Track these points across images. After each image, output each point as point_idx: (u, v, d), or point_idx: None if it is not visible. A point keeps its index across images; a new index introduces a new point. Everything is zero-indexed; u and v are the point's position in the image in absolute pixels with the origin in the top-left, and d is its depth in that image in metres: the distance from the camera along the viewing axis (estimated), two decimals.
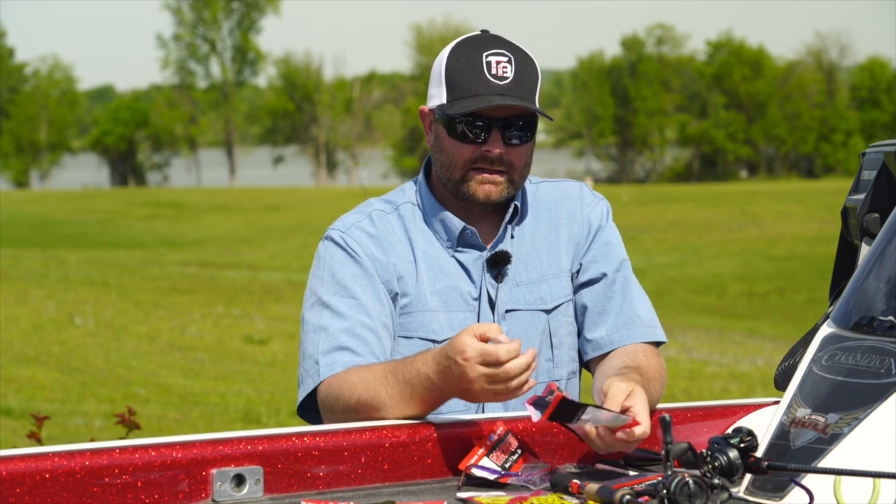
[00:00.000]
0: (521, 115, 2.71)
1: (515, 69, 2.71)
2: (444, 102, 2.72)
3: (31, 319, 15.52)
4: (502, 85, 2.69)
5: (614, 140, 79.98)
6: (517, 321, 2.77)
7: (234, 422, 9.82)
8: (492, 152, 2.70)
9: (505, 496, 2.23)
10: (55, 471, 2.08)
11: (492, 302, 2.76)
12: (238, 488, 2.23)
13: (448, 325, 2.74)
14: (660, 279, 24.97)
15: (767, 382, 11.87)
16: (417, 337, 2.73)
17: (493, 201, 2.74)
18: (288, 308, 18.17)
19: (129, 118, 78.40)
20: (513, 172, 2.74)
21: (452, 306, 2.75)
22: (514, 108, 2.70)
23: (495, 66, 2.70)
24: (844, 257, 2.99)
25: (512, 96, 2.69)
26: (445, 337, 2.72)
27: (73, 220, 39.84)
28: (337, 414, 2.57)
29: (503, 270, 2.76)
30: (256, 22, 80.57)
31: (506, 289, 2.77)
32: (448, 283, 2.76)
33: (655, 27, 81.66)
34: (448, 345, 2.40)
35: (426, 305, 2.73)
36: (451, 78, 2.72)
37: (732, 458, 2.12)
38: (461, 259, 2.78)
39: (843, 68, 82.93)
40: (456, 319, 2.74)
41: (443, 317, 2.74)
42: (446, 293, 2.75)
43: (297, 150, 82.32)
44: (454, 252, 2.78)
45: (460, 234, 2.78)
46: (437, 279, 2.75)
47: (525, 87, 2.71)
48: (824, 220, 34.10)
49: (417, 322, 2.73)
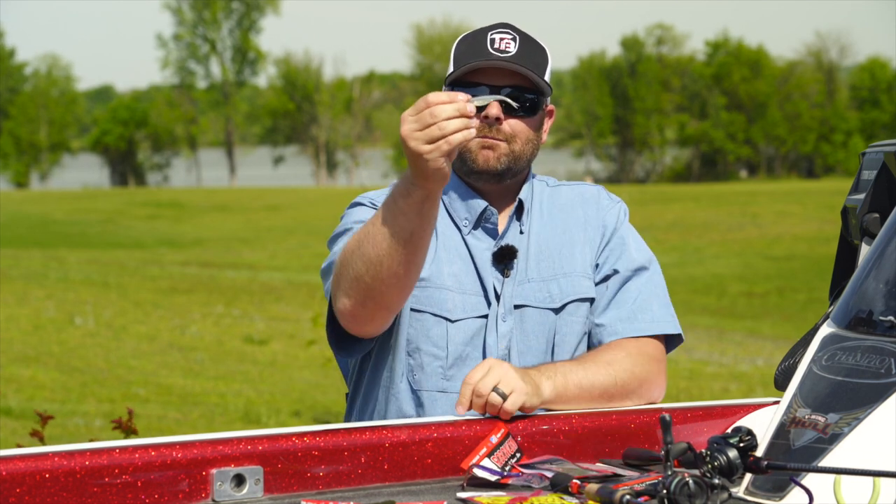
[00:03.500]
0: (524, 87, 2.70)
1: (520, 45, 2.71)
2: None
3: (31, 319, 15.53)
4: (504, 56, 2.69)
5: (614, 140, 79.99)
6: (526, 317, 2.76)
7: (234, 422, 9.82)
8: (490, 116, 2.67)
9: (505, 496, 2.23)
10: (55, 471, 2.08)
11: (497, 296, 2.75)
12: (238, 488, 2.23)
13: (461, 307, 2.73)
14: None
15: (767, 382, 11.87)
16: (430, 312, 2.72)
17: (492, 168, 2.72)
18: (288, 308, 18.17)
19: (129, 118, 78.40)
20: (513, 143, 2.72)
21: (467, 289, 2.74)
22: (515, 77, 2.70)
23: (498, 42, 2.71)
24: (844, 257, 2.99)
25: (511, 63, 2.68)
26: (458, 317, 2.72)
27: (73, 220, 39.84)
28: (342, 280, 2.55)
29: (510, 265, 2.75)
30: (256, 22, 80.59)
31: (513, 283, 2.76)
32: (462, 267, 2.75)
33: (655, 27, 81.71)
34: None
35: (443, 283, 2.73)
36: (457, 57, 2.74)
37: (732, 458, 2.12)
38: (472, 247, 2.77)
39: (843, 68, 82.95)
40: (469, 303, 2.73)
41: (457, 297, 2.73)
42: (461, 276, 2.74)
43: (297, 150, 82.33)
44: (469, 233, 2.77)
45: (481, 215, 2.77)
46: (452, 261, 2.75)
47: (528, 61, 2.71)
48: (824, 220, 34.09)
49: (433, 298, 2.72)
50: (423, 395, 2.73)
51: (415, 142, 2.32)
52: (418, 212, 2.42)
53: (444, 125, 2.30)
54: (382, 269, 2.47)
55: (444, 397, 2.72)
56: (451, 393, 2.70)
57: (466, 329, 2.73)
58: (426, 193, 2.40)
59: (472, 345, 2.73)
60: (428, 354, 2.72)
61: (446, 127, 2.30)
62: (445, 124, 2.30)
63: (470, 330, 2.73)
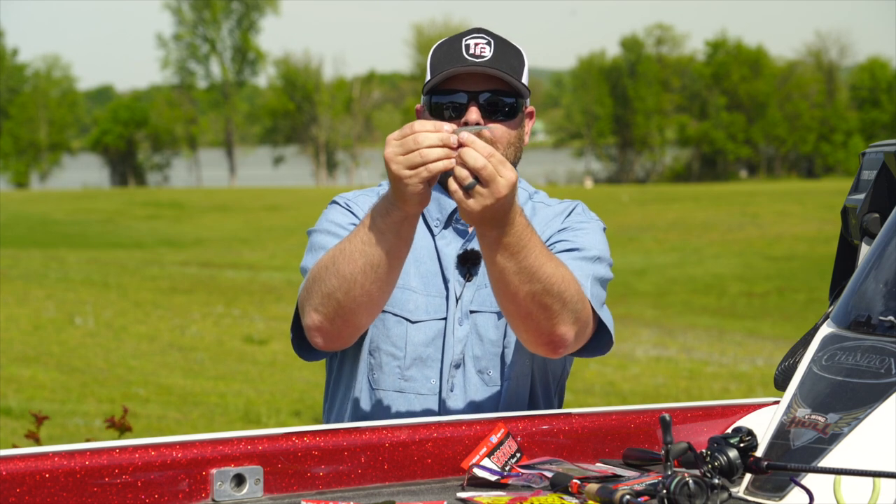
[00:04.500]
0: (502, 90, 2.68)
1: (495, 49, 2.68)
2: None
3: (31, 319, 15.52)
4: (479, 61, 2.66)
5: (614, 140, 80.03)
6: (479, 322, 2.75)
7: (234, 422, 9.82)
8: (470, 122, 2.64)
9: (505, 496, 2.23)
10: (55, 471, 2.08)
11: (457, 299, 2.75)
12: (238, 488, 2.23)
13: (424, 308, 2.73)
14: (660, 279, 24.97)
15: (767, 382, 11.87)
16: (391, 313, 2.73)
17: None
18: (288, 308, 18.16)
19: (129, 118, 78.46)
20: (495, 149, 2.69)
21: (432, 291, 2.74)
22: (493, 81, 2.67)
23: (473, 47, 2.68)
24: (844, 257, 2.99)
25: (487, 68, 2.65)
26: (419, 318, 2.73)
27: (73, 220, 39.85)
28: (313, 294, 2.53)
29: (473, 269, 2.75)
30: (256, 22, 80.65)
31: (473, 288, 2.75)
32: (430, 268, 2.76)
33: (655, 27, 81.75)
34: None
35: (407, 284, 2.73)
36: (434, 64, 2.71)
37: (732, 458, 2.12)
38: (440, 248, 2.77)
39: (843, 68, 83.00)
40: (433, 304, 2.74)
41: (421, 298, 2.74)
42: (428, 277, 2.75)
43: (297, 150, 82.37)
44: (440, 234, 2.77)
45: (451, 215, 2.77)
46: (422, 261, 2.76)
47: (504, 65, 2.67)
48: (824, 220, 34.10)
49: (396, 298, 2.72)
50: (381, 395, 2.74)
51: (396, 165, 2.34)
52: (396, 232, 2.44)
53: (426, 153, 2.32)
54: (356, 286, 2.48)
55: (401, 397, 2.73)
56: (408, 393, 2.71)
57: (427, 331, 2.74)
58: (404, 215, 2.42)
59: (433, 346, 2.73)
60: (387, 354, 2.74)
61: (428, 155, 2.32)
62: (428, 152, 2.32)
63: (430, 332, 2.74)
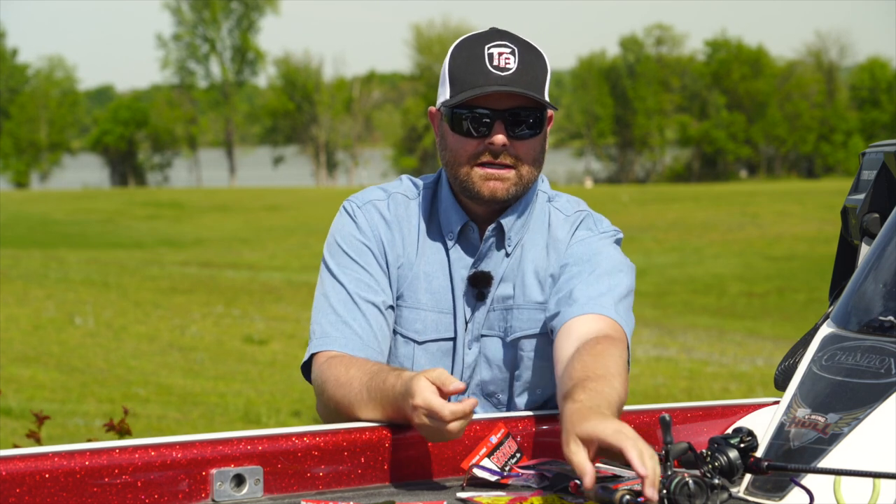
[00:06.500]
0: (527, 106, 2.62)
1: (519, 60, 2.61)
2: (448, 98, 2.64)
3: (31, 319, 15.52)
4: (504, 76, 2.59)
5: (614, 140, 80.00)
6: (488, 346, 2.72)
7: (234, 422, 9.82)
8: (495, 144, 2.60)
9: (505, 496, 2.23)
10: (55, 471, 2.08)
11: (466, 322, 2.71)
12: (238, 488, 2.23)
13: (432, 327, 2.70)
14: (660, 279, 24.97)
15: (767, 382, 11.87)
16: (400, 333, 2.71)
17: (499, 198, 2.64)
18: (288, 308, 18.17)
19: (129, 118, 78.43)
20: (520, 167, 2.63)
21: (443, 307, 2.71)
22: (517, 98, 2.61)
23: (497, 58, 2.61)
24: (844, 257, 2.99)
25: (514, 86, 2.59)
26: (425, 339, 2.70)
27: (73, 220, 39.84)
28: (321, 400, 2.60)
29: (485, 291, 2.70)
30: (256, 22, 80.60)
31: (485, 310, 2.71)
32: (441, 284, 2.72)
33: (654, 27, 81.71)
34: (410, 380, 2.34)
35: (417, 302, 2.71)
36: (454, 73, 2.64)
37: (732, 458, 2.12)
38: (452, 263, 2.71)
39: (843, 68, 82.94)
40: (442, 323, 2.70)
41: (430, 316, 2.70)
42: (440, 293, 2.71)
43: (297, 150, 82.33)
44: (453, 247, 2.72)
45: (461, 230, 2.72)
46: (434, 276, 2.72)
47: (529, 78, 2.61)
48: (824, 220, 34.10)
49: (404, 317, 2.71)
50: None
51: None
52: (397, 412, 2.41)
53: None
54: (354, 415, 2.51)
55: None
56: None
57: (434, 351, 2.72)
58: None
59: (441, 367, 2.67)
60: None
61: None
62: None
63: (437, 352, 2.72)
